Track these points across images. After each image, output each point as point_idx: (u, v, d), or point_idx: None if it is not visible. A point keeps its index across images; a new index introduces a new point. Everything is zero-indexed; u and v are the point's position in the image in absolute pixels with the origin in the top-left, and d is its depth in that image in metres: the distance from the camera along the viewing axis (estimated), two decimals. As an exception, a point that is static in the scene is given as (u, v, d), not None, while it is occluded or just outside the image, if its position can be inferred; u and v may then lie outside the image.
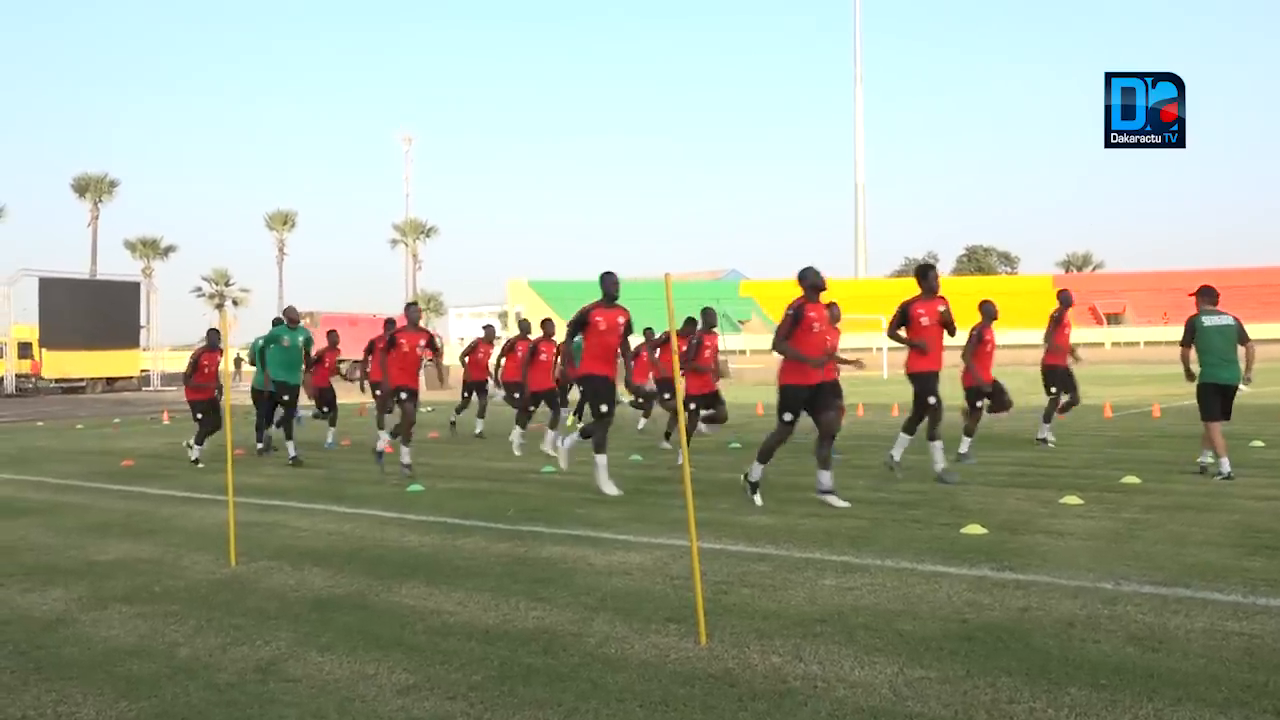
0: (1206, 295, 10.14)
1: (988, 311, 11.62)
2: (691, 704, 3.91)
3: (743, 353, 61.21)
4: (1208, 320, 9.94)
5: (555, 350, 13.95)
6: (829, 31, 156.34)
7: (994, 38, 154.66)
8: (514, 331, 15.99)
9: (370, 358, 14.87)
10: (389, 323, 15.23)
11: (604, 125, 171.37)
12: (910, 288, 10.23)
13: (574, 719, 3.82)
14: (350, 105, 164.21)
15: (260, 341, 14.09)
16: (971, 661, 4.32)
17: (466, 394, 17.60)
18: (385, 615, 5.42)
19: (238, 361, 54.90)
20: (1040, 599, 5.31)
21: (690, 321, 13.54)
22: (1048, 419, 12.99)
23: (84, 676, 4.51)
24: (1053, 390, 12.87)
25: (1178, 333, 11.11)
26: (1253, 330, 11.53)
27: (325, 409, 16.52)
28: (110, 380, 46.40)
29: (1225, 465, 9.51)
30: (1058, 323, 12.73)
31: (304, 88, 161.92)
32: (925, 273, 10.06)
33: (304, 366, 14.12)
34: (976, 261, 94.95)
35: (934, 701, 3.86)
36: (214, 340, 14.43)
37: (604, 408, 9.66)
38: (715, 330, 13.05)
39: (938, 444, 9.86)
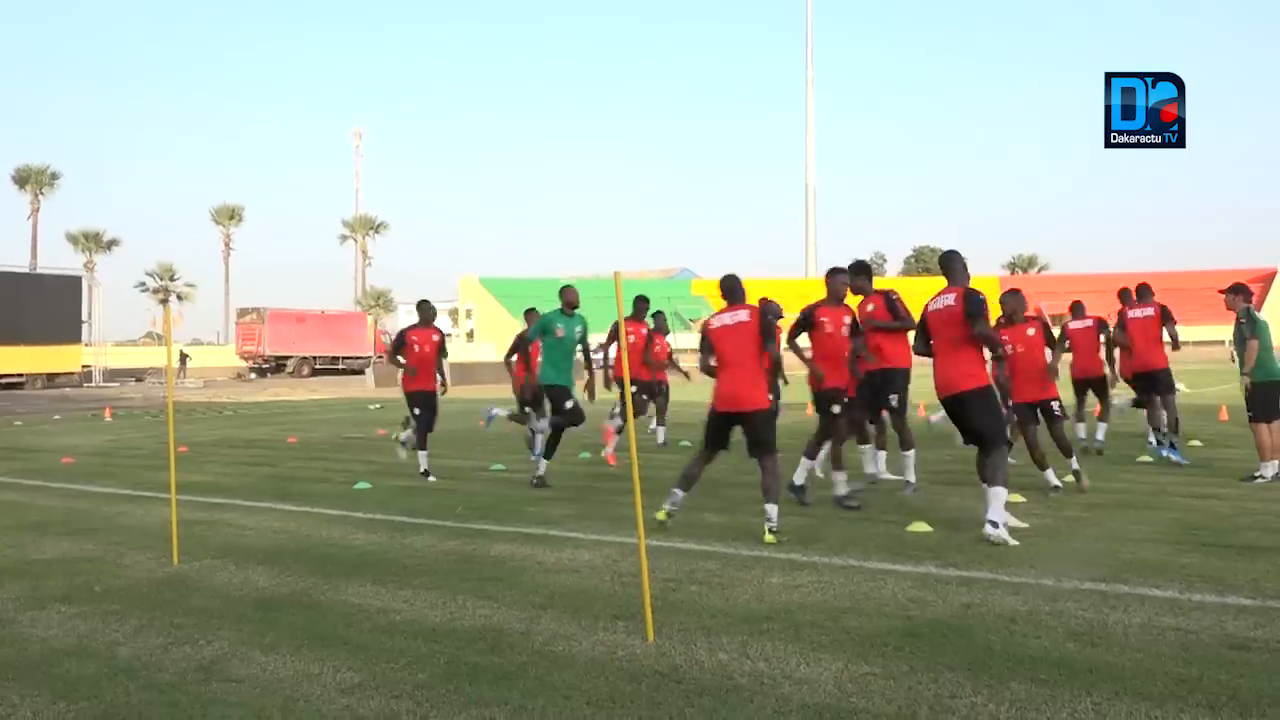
0: (1244, 292, 9.55)
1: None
2: (638, 701, 3.92)
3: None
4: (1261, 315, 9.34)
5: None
6: (782, 34, 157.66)
7: (944, 40, 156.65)
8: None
9: (614, 345, 13.33)
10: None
11: (556, 123, 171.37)
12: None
13: (520, 717, 3.81)
14: (299, 99, 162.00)
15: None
16: (915, 657, 4.37)
17: (645, 396, 14.25)
18: (330, 614, 5.37)
19: (183, 358, 54.14)
20: (983, 595, 5.39)
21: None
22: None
23: (21, 677, 4.42)
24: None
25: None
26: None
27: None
28: (51, 376, 45.49)
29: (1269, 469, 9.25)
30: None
31: (251, 80, 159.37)
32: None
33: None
34: (924, 262, 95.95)
35: (878, 697, 3.90)
36: (428, 315, 11.64)
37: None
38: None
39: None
